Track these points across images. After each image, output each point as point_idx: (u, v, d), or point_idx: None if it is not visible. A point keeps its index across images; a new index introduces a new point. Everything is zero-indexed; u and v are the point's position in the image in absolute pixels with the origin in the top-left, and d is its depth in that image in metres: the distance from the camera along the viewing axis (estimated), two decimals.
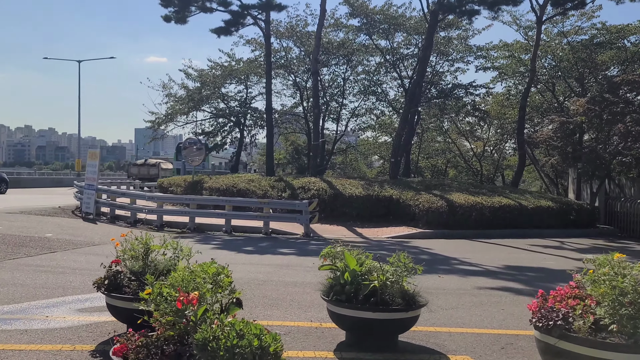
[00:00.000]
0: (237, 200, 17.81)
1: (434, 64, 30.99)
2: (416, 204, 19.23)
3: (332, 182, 21.55)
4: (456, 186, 22.26)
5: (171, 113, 31.42)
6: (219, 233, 17.19)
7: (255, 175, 25.36)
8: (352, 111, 34.47)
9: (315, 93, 24.01)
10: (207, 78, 31.12)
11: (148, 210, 18.21)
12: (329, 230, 18.41)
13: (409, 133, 26.14)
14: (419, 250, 14.54)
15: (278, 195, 20.79)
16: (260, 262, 11.37)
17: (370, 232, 18.20)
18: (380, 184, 21.84)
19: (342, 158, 41.78)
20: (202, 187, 22.43)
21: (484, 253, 14.36)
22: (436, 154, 42.07)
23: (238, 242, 14.93)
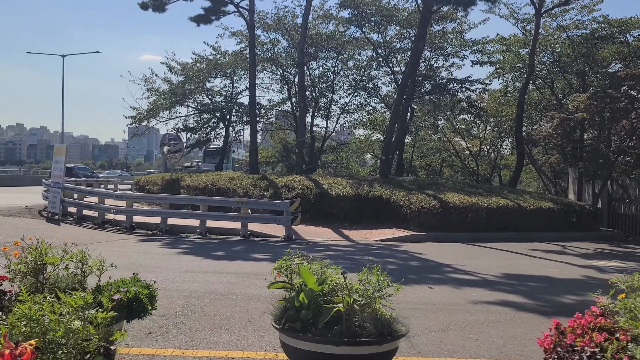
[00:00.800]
0: (212, 199, 16.45)
1: (428, 59, 29.63)
2: (408, 204, 17.92)
3: (318, 181, 20.20)
4: (451, 186, 20.94)
5: (153, 108, 29.97)
6: (192, 235, 15.83)
7: (238, 173, 24.01)
8: (342, 107, 33.03)
9: (301, 86, 22.61)
10: (190, 72, 29.67)
11: (117, 210, 16.83)
12: (314, 232, 17.07)
13: (401, 129, 24.81)
14: (408, 255, 13.20)
15: (260, 195, 19.44)
16: (227, 270, 10.00)
17: (357, 235, 16.87)
18: (370, 183, 20.51)
19: (333, 156, 40.38)
20: (180, 185, 21.06)
21: (481, 259, 13.03)
22: (431, 153, 40.73)
23: (209, 246, 13.56)
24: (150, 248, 12.78)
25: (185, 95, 29.46)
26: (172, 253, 11.98)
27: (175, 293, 8.07)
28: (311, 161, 31.95)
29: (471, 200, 17.88)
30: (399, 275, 10.20)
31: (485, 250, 14.79)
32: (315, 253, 12.79)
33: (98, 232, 15.85)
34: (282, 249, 13.43)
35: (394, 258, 12.48)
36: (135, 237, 14.98)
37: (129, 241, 14.07)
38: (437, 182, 21.58)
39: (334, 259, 11.62)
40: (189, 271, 9.77)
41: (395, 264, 11.58)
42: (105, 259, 4.88)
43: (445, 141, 38.84)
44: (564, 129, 19.53)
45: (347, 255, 12.72)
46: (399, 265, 11.44)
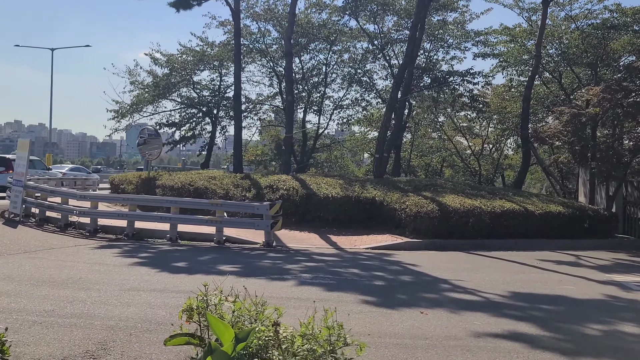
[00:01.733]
0: (183, 201, 14.73)
1: (427, 51, 27.86)
2: (402, 207, 16.21)
3: (305, 181, 18.49)
4: (450, 187, 19.20)
5: (137, 102, 28.24)
6: (161, 241, 14.15)
7: (220, 172, 22.32)
8: (335, 102, 31.22)
9: (288, 77, 20.89)
10: (176, 63, 27.92)
11: (80, 212, 15.15)
12: (298, 238, 15.38)
13: (397, 126, 23.10)
14: (401, 267, 11.49)
15: (242, 196, 17.74)
16: (180, 287, 8.30)
17: (346, 241, 15.17)
18: (362, 183, 18.80)
19: (327, 155, 38.58)
20: (155, 185, 19.37)
21: (484, 271, 11.32)
22: (431, 152, 38.95)
23: (173, 255, 11.85)
24: (104, 257, 11.09)
25: (170, 89, 27.71)
26: (126, 264, 10.28)
27: (100, 322, 6.39)
28: (303, 160, 30.23)
29: (473, 204, 16.17)
30: (386, 294, 8.50)
31: (488, 261, 13.08)
32: (293, 265, 11.11)
33: (55, 237, 14.15)
34: (256, 259, 11.77)
35: (384, 271, 10.77)
36: (94, 243, 13.29)
37: (84, 248, 12.38)
38: (436, 183, 19.84)
39: (313, 272, 9.95)
40: (132, 289, 8.08)
41: (384, 279, 9.87)
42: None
43: (445, 139, 37.08)
44: (575, 126, 17.80)
45: (330, 266, 11.01)
46: (388, 281, 9.73)
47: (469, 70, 25.14)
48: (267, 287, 8.50)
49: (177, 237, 14.31)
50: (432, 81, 25.80)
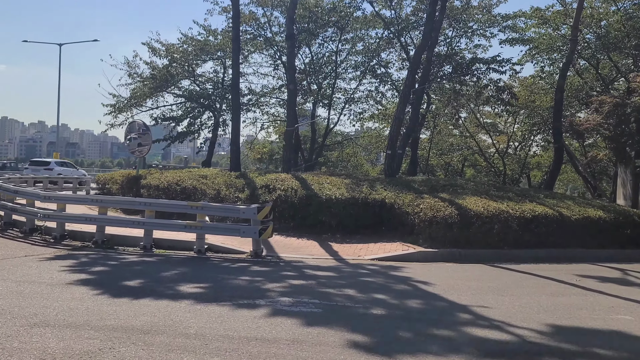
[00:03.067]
0: (158, 203, 12.69)
1: (449, 39, 25.42)
2: (416, 211, 13.99)
3: (306, 180, 16.37)
4: (472, 188, 16.89)
5: (136, 96, 26.34)
6: (132, 250, 12.16)
7: (215, 170, 20.31)
8: (345, 92, 28.87)
9: (290, 64, 18.76)
10: (176, 54, 25.92)
11: (43, 215, 13.23)
12: (294, 246, 13.27)
13: (413, 118, 20.81)
14: (410, 286, 9.30)
15: (235, 197, 15.70)
16: (104, 322, 6.22)
17: (349, 250, 13.01)
18: (371, 183, 16.61)
19: (338, 153, 36.29)
20: (141, 184, 17.45)
21: (513, 292, 9.08)
22: (451, 150, 36.46)
23: (134, 269, 9.81)
24: (46, 272, 9.07)
25: (169, 81, 25.70)
26: (64, 282, 8.26)
27: None
28: (311, 158, 28.06)
29: (498, 207, 13.88)
30: (384, 332, 6.34)
31: (518, 277, 10.82)
32: (275, 283, 8.95)
33: (11, 244, 12.25)
34: (234, 275, 9.65)
35: (387, 292, 8.59)
36: (51, 253, 11.31)
37: (34, 259, 10.40)
38: (455, 183, 17.51)
39: (296, 295, 7.84)
40: (41, 324, 6.03)
41: (386, 305, 7.69)
42: None
43: (467, 137, 34.61)
44: (618, 118, 15.39)
45: (321, 286, 8.87)
46: (390, 308, 7.54)
47: (496, 57, 22.66)
48: (226, 319, 6.41)
49: (152, 245, 12.32)
50: (453, 70, 23.38)
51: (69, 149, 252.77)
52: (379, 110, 30.96)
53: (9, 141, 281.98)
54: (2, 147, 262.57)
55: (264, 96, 27.77)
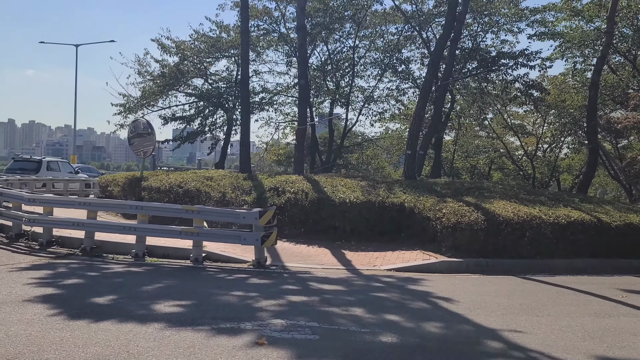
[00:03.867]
0: (150, 206, 11.52)
1: (473, 33, 23.92)
2: (438, 216, 12.64)
3: (318, 183, 15.13)
4: (500, 191, 15.44)
5: (146, 95, 25.35)
6: (122, 258, 11.04)
7: (222, 171, 19.19)
8: (364, 91, 27.44)
9: (302, 57, 17.49)
10: (187, 51, 24.87)
11: (29, 220, 12.19)
12: (302, 254, 12.03)
13: (435, 117, 19.44)
14: (429, 304, 7.99)
15: (241, 200, 14.52)
16: (39, 358, 5.03)
17: (364, 260, 11.73)
18: (389, 186, 15.30)
19: (358, 154, 34.90)
20: (142, 187, 16.40)
21: (550, 311, 7.72)
22: (477, 153, 34.87)
23: (114, 282, 8.66)
24: (8, 285, 7.95)
25: (178, 79, 24.63)
26: (21, 299, 7.13)
27: None
28: (329, 159, 26.79)
29: (530, 212, 12.45)
30: None
31: (554, 292, 9.42)
32: (271, 300, 7.68)
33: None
34: (226, 289, 8.35)
35: (402, 312, 7.29)
36: (30, 261, 10.26)
37: (4, 268, 9.33)
38: (481, 186, 16.07)
39: (292, 316, 6.62)
40: None
41: (398, 330, 6.39)
42: None
43: (494, 138, 33.01)
44: None
45: (325, 303, 7.61)
46: (403, 334, 6.24)
47: (524, 51, 21.12)
48: (197, 350, 5.21)
49: (145, 252, 11.20)
50: (478, 65, 21.90)
51: (95, 153, 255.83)
52: (400, 110, 29.58)
53: (36, 145, 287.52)
54: (30, 151, 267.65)
55: (277, 94, 26.53)
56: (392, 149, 35.43)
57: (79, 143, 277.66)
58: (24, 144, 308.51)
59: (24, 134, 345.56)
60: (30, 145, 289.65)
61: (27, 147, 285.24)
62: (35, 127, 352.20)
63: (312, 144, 26.82)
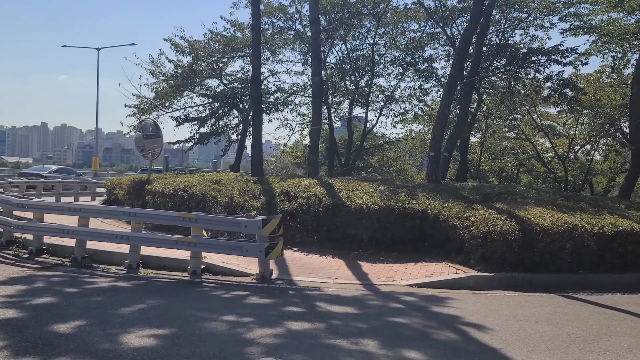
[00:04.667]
0: (143, 213, 10.37)
1: (501, 28, 22.36)
2: (465, 225, 11.30)
3: (333, 187, 13.89)
4: (534, 196, 14.00)
5: (160, 96, 24.38)
6: (114, 269, 9.97)
7: (232, 174, 18.05)
8: (384, 90, 26.00)
9: (315, 52, 16.21)
10: (200, 51, 23.83)
11: (18, 226, 11.18)
12: (314, 266, 10.80)
13: (461, 116, 18.08)
14: (459, 333, 6.68)
15: (250, 205, 13.35)
16: None
17: (382, 273, 10.46)
18: (410, 190, 13.99)
19: (378, 157, 33.46)
20: (145, 190, 15.34)
21: (608, 348, 6.36)
22: (505, 155, 33.21)
23: (91, 301, 7.51)
24: None
25: (192, 79, 23.61)
26: None
27: None
28: (348, 162, 25.50)
29: (570, 221, 11.03)
30: None
31: (605, 317, 8.03)
32: (267, 329, 6.50)
33: None
34: (216, 313, 7.07)
35: (424, 346, 6.00)
36: (10, 272, 9.21)
37: None
38: (513, 191, 14.61)
39: (290, 351, 5.39)
40: None
41: None
42: None
43: (523, 139, 31.37)
44: None
45: (332, 332, 6.35)
46: None
47: (557, 47, 19.53)
48: None
49: (140, 263, 10.11)
50: (507, 61, 20.40)
51: (124, 155, 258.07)
52: (424, 110, 28.14)
53: (67, 147, 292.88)
54: (61, 153, 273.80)
55: (293, 94, 25.31)
56: (414, 150, 33.94)
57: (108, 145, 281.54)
58: (56, 146, 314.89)
59: (56, 137, 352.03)
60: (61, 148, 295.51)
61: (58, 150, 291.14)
62: (67, 130, 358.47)
63: (331, 146, 25.58)
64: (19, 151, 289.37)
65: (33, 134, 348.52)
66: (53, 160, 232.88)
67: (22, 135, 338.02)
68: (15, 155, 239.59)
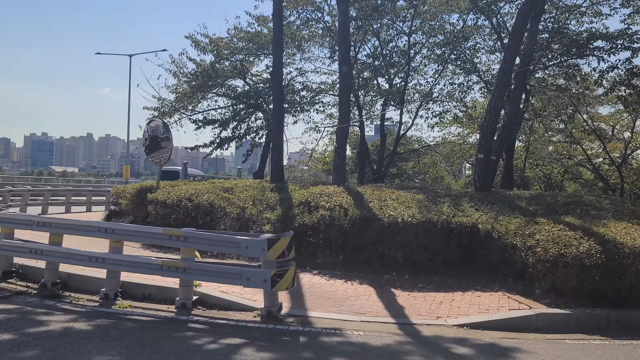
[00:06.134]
0: (122, 229, 8.23)
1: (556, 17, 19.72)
2: (529, 244, 8.96)
3: (362, 196, 11.69)
4: (609, 207, 11.45)
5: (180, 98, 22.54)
6: (88, 298, 8.03)
7: (248, 181, 16.02)
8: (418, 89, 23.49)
9: (343, 38, 13.90)
10: (224, 49, 21.90)
11: None
12: (336, 296, 8.66)
13: (511, 113, 15.69)
14: None
15: (264, 218, 11.26)
16: None
17: (423, 306, 8.26)
18: (454, 200, 11.71)
19: (414, 163, 30.95)
20: (147, 199, 13.39)
21: None
22: (551, 160, 30.42)
23: (17, 357, 5.46)
24: None
25: (213, 78, 21.65)
26: None
27: None
28: (380, 168, 23.18)
29: None
30: None
31: None
32: None
33: None
34: None
35: None
36: None
37: None
38: (581, 201, 12.08)
39: None
40: None
41: None
42: None
43: (571, 143, 28.64)
44: None
45: None
46: None
47: (625, 30, 16.86)
48: None
49: (119, 292, 8.13)
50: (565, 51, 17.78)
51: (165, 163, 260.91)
52: (463, 112, 25.62)
53: (111, 157, 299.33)
54: (105, 163, 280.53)
55: (321, 92, 23.10)
56: (452, 156, 31.33)
57: None
58: (100, 156, 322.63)
59: (101, 147, 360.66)
60: (105, 157, 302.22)
61: (103, 159, 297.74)
62: (111, 140, 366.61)
63: (362, 151, 23.34)
64: (66, 161, 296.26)
65: (79, 144, 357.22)
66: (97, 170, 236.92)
67: (69, 146, 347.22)
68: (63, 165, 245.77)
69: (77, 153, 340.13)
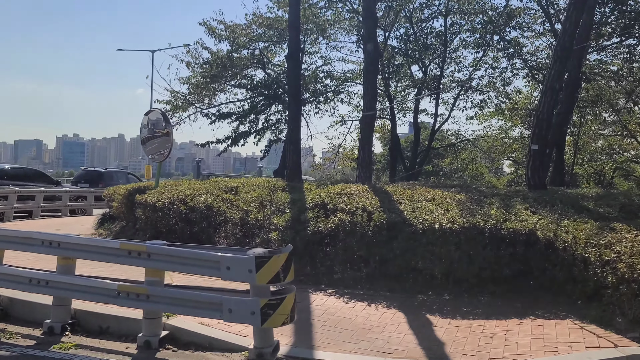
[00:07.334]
0: (70, 242, 6.36)
1: None
2: (606, 257, 6.82)
3: (391, 196, 9.65)
4: None
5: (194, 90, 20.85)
6: (28, 332, 6.31)
7: (258, 179, 14.15)
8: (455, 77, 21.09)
9: (369, 9, 11.74)
10: (241, 36, 20.11)
11: None
12: (355, 327, 6.69)
13: (567, 100, 13.42)
14: None
15: (271, 223, 9.30)
16: None
17: (470, 342, 6.21)
18: (504, 199, 9.58)
19: (451, 159, 28.49)
20: (136, 202, 11.57)
21: None
22: (603, 155, 27.77)
23: None
24: None
25: (228, 68, 19.85)
26: None
27: None
28: (413, 165, 20.92)
29: None
30: None
31: None
32: None
33: None
34: None
35: None
36: None
37: None
38: None
39: None
40: None
41: None
42: None
43: (626, 136, 25.98)
44: None
45: None
46: None
47: None
48: None
49: (67, 325, 6.28)
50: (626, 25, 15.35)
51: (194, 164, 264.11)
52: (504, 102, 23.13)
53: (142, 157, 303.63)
54: (136, 163, 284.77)
55: (346, 80, 21.02)
56: (494, 151, 28.72)
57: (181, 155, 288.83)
58: (131, 157, 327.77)
59: (132, 148, 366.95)
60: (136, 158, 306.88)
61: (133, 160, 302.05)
62: None
63: (393, 146, 21.16)
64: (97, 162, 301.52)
65: (111, 145, 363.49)
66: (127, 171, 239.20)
67: (101, 147, 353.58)
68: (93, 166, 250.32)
69: (109, 154, 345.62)
